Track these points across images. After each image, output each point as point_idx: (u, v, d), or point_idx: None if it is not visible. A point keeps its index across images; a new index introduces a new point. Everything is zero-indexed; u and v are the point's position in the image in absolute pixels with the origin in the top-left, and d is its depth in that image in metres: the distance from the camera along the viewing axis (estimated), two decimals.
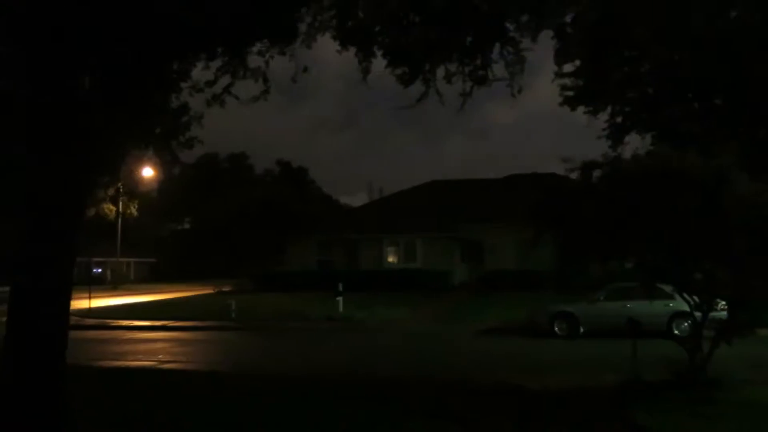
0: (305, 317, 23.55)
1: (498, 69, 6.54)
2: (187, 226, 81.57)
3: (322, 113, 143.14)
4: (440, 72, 6.56)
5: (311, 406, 9.00)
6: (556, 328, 17.94)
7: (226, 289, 38.96)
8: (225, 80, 6.54)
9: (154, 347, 18.15)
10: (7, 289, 6.00)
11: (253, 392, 10.07)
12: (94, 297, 28.61)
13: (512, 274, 33.16)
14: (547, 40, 6.86)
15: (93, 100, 5.79)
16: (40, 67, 5.83)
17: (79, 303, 25.51)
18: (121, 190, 51.57)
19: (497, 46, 6.30)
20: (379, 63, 6.80)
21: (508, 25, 6.07)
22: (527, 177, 41.60)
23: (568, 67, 15.74)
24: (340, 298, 24.05)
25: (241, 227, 61.91)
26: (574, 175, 11.65)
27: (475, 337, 18.71)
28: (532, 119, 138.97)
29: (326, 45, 6.81)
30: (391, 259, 38.02)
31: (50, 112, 5.82)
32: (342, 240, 38.31)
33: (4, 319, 5.84)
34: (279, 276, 38.20)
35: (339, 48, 6.54)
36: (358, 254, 38.05)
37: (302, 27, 6.58)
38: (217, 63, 6.42)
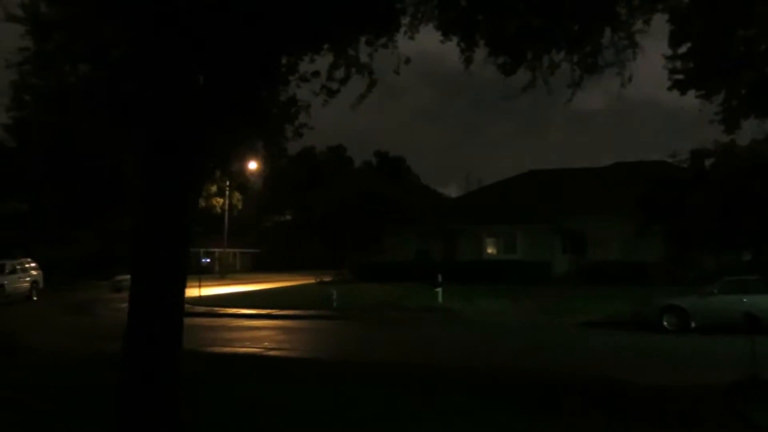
0: (404, 307, 23.76)
1: (607, 55, 6.27)
2: (288, 217, 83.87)
3: (418, 104, 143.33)
4: (546, 60, 6.39)
5: (417, 396, 9.05)
6: (665, 323, 17.21)
7: (326, 279, 39.86)
8: (336, 74, 6.62)
9: (259, 334, 18.82)
10: (128, 277, 6.39)
11: (357, 380, 10.26)
12: (204, 286, 29.93)
13: (616, 266, 32.10)
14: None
15: (206, 97, 6.06)
16: (154, 67, 6.14)
17: (190, 291, 26.75)
18: (229, 183, 53.73)
19: (607, 32, 6.05)
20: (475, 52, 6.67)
21: (619, 9, 5.83)
22: (632, 165, 40.12)
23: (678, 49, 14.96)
24: (439, 289, 24.05)
25: (340, 218, 63.03)
26: (684, 164, 11.09)
27: (579, 330, 18.26)
28: (628, 105, 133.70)
29: (423, 35, 6.76)
30: (490, 250, 37.70)
31: (165, 110, 6.12)
32: (440, 231, 38.29)
33: (123, 305, 6.23)
34: (378, 266, 38.68)
35: (441, 38, 6.49)
36: (456, 245, 37.95)
37: (404, 19, 6.61)
38: (324, 57, 6.56)
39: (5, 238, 39.70)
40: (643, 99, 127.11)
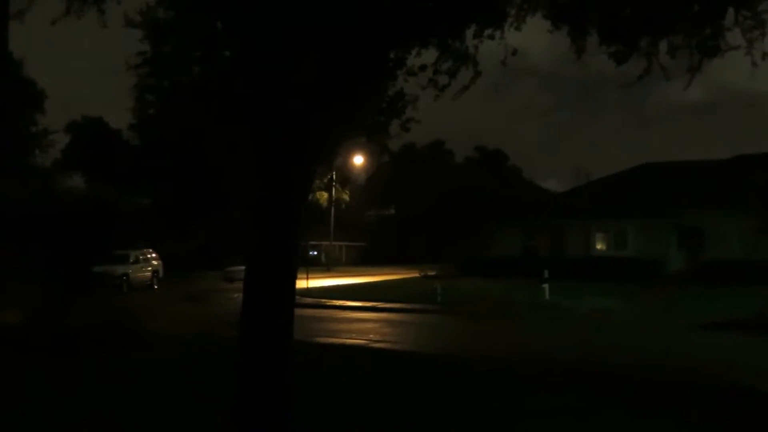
0: (510, 303, 23.39)
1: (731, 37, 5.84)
2: (392, 211, 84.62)
3: (518, 98, 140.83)
4: (662, 46, 6.05)
5: (533, 396, 8.92)
6: None
7: (431, 273, 39.88)
8: (443, 67, 6.59)
9: (365, 327, 19.07)
10: (238, 268, 6.64)
11: (467, 376, 10.20)
12: (311, 278, 30.67)
13: (737, 264, 30.26)
14: None
15: (315, 94, 6.18)
16: (264, 67, 6.33)
17: (299, 283, 27.33)
18: (335, 178, 54.92)
19: (730, 12, 5.64)
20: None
21: None
22: (758, 158, 37.64)
23: None
24: (545, 285, 23.54)
25: (444, 213, 62.97)
26: None
27: (698, 331, 17.28)
28: (733, 97, 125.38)
29: (527, 26, 6.56)
30: (599, 245, 36.50)
31: (275, 108, 6.29)
32: (547, 226, 37.46)
33: (235, 295, 6.46)
34: (482, 261, 38.38)
35: (551, 28, 6.27)
36: (563, 241, 37.00)
37: (511, 9, 6.46)
38: (430, 51, 6.54)
39: (129, 230, 42.40)
40: (748, 91, 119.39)
